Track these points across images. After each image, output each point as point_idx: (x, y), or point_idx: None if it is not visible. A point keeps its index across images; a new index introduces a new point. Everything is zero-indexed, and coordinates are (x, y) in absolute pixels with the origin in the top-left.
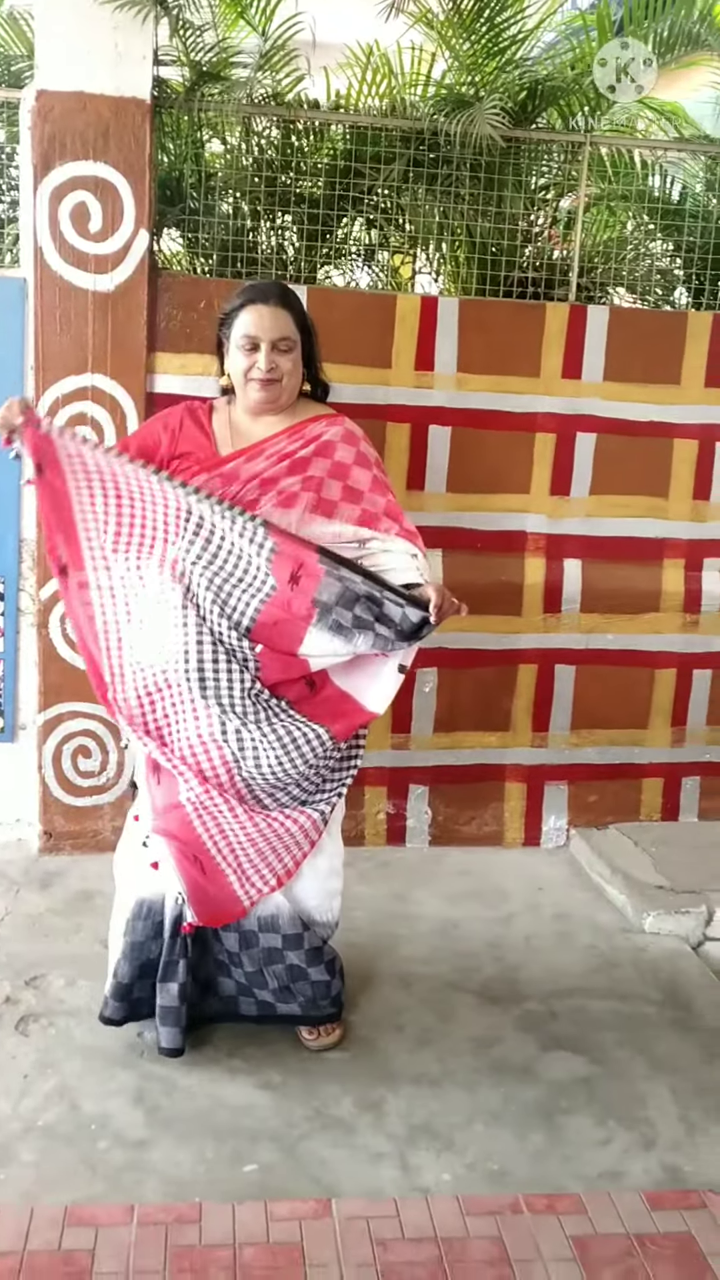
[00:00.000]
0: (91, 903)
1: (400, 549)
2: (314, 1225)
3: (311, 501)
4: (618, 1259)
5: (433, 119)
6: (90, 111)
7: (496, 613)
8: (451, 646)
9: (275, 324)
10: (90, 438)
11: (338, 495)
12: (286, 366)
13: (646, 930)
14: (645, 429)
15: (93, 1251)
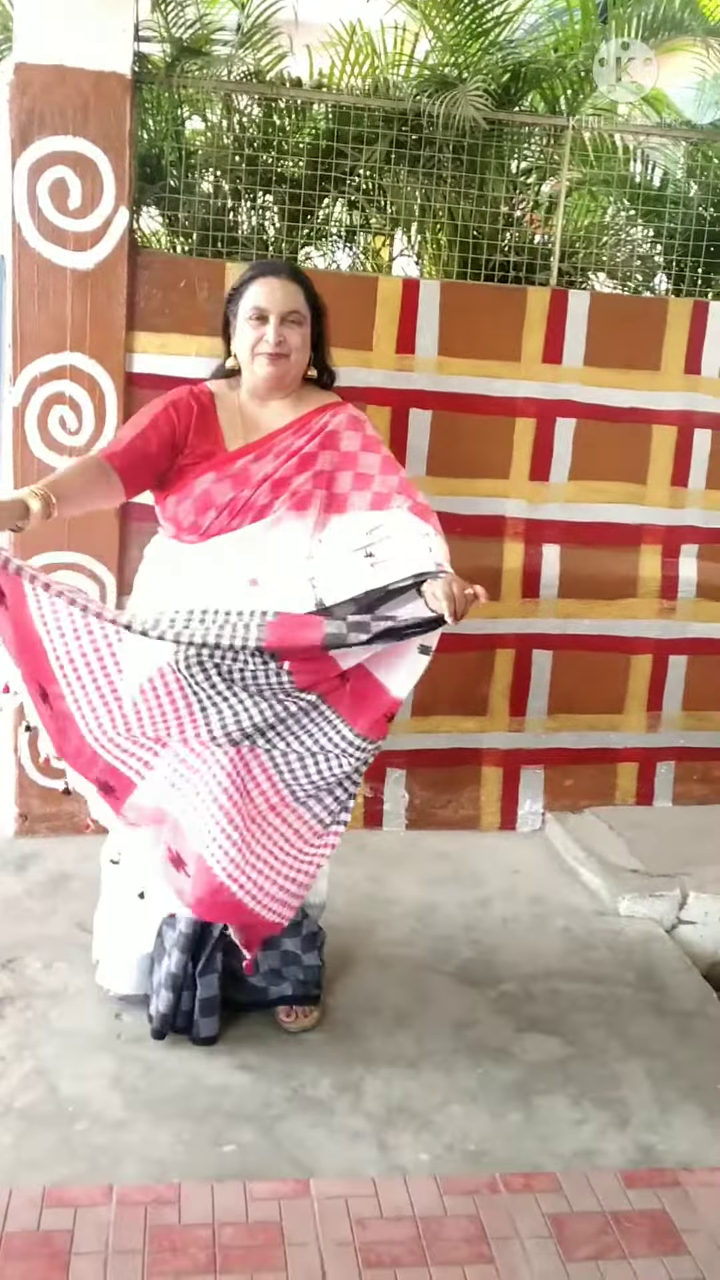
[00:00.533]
0: (68, 885)
1: (410, 528)
2: (293, 1205)
3: (324, 500)
4: (594, 1236)
5: (415, 100)
6: (70, 85)
7: None
8: None
9: (285, 297)
10: (67, 590)
11: (349, 486)
12: (295, 341)
13: (621, 913)
14: (625, 415)
15: (71, 1232)
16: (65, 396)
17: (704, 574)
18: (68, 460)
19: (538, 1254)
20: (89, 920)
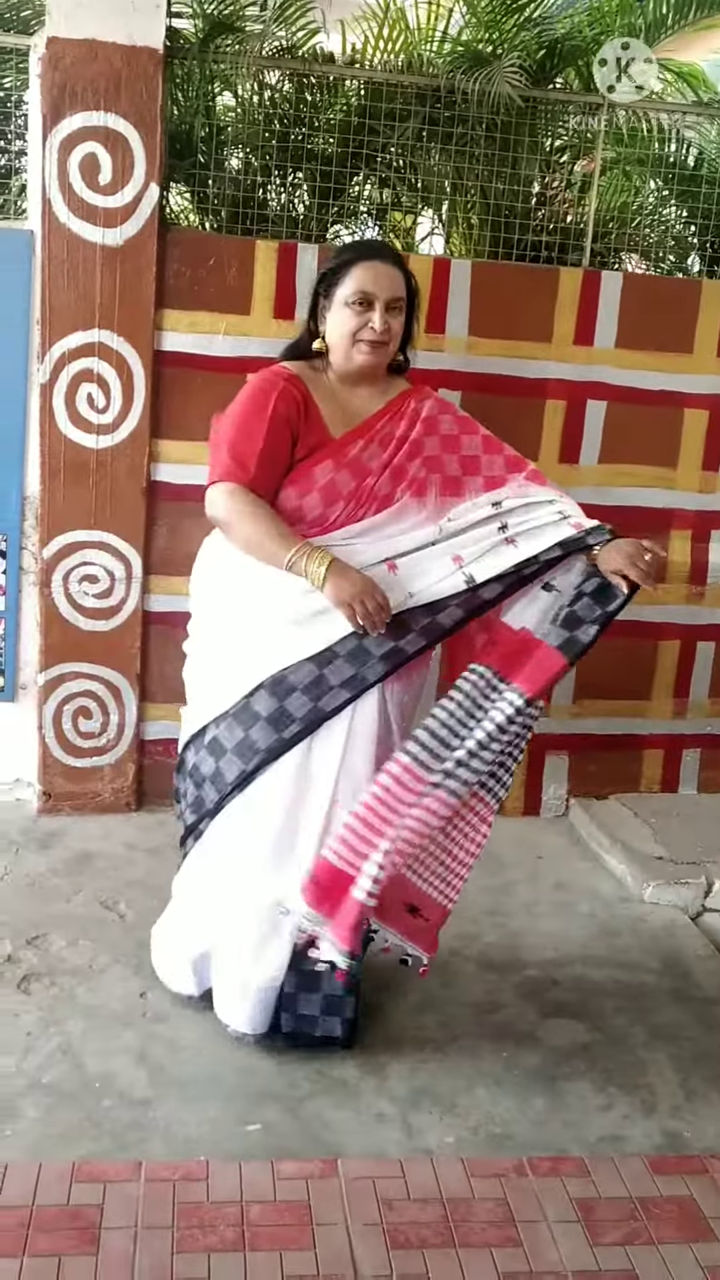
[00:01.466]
0: (91, 864)
1: (532, 495)
2: (320, 1184)
3: (439, 483)
4: (621, 1222)
5: (449, 76)
6: (102, 60)
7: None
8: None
9: (391, 283)
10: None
11: (458, 470)
12: (396, 329)
13: (646, 900)
14: (656, 398)
15: (101, 1206)
16: (93, 374)
17: None
18: (94, 439)
19: (565, 1238)
20: (112, 897)
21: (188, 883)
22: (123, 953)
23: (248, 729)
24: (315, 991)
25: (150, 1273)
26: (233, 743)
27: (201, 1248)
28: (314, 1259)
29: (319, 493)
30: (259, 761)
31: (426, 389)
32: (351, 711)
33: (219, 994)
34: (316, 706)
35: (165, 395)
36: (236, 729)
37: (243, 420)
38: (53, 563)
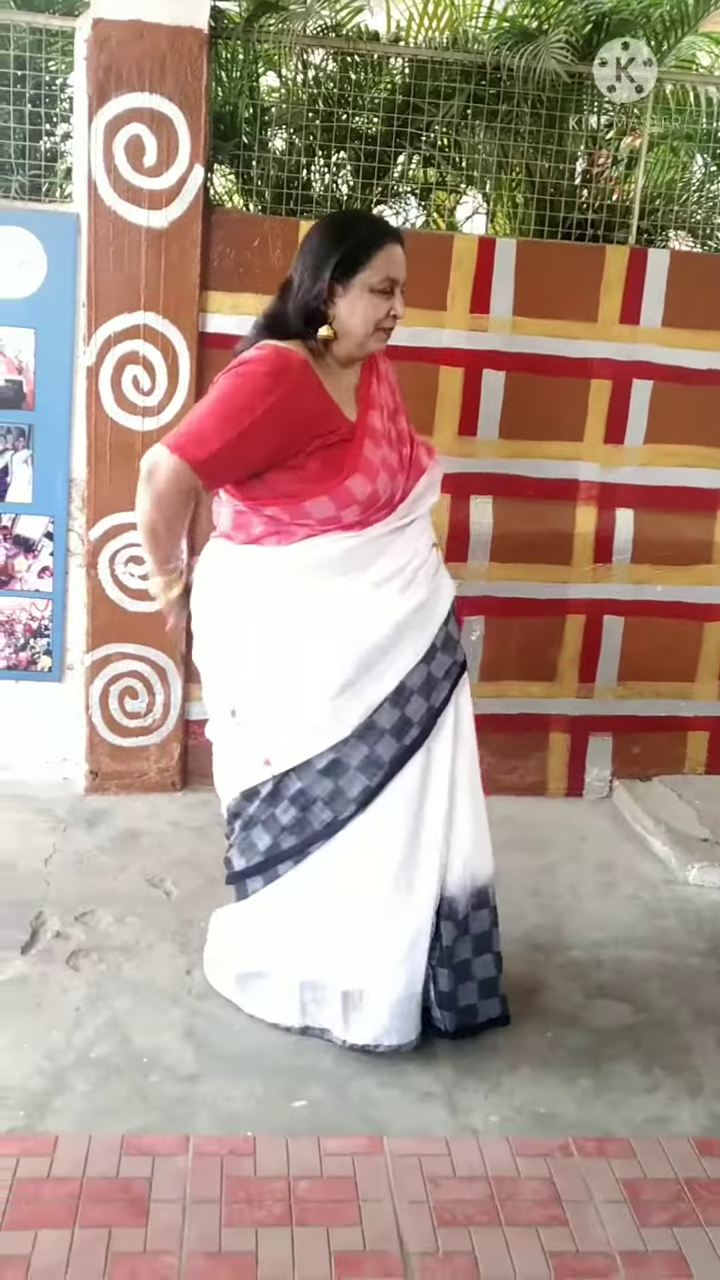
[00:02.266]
0: (138, 842)
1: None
2: (366, 1161)
3: (414, 440)
4: (669, 1203)
5: (495, 53)
6: (147, 41)
7: (546, 561)
8: (499, 595)
9: (405, 263)
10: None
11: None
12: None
13: (690, 882)
14: (703, 377)
15: (150, 1179)
16: (139, 356)
17: None
18: (140, 421)
19: (612, 1218)
20: (159, 875)
21: (280, 911)
22: (169, 930)
23: (373, 745)
24: (470, 980)
25: (199, 1245)
26: (357, 760)
27: (250, 1221)
28: (360, 1235)
29: (371, 474)
30: (384, 775)
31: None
32: (455, 706)
33: (357, 1018)
34: (430, 706)
35: (209, 377)
36: (361, 747)
37: (231, 403)
38: (99, 544)
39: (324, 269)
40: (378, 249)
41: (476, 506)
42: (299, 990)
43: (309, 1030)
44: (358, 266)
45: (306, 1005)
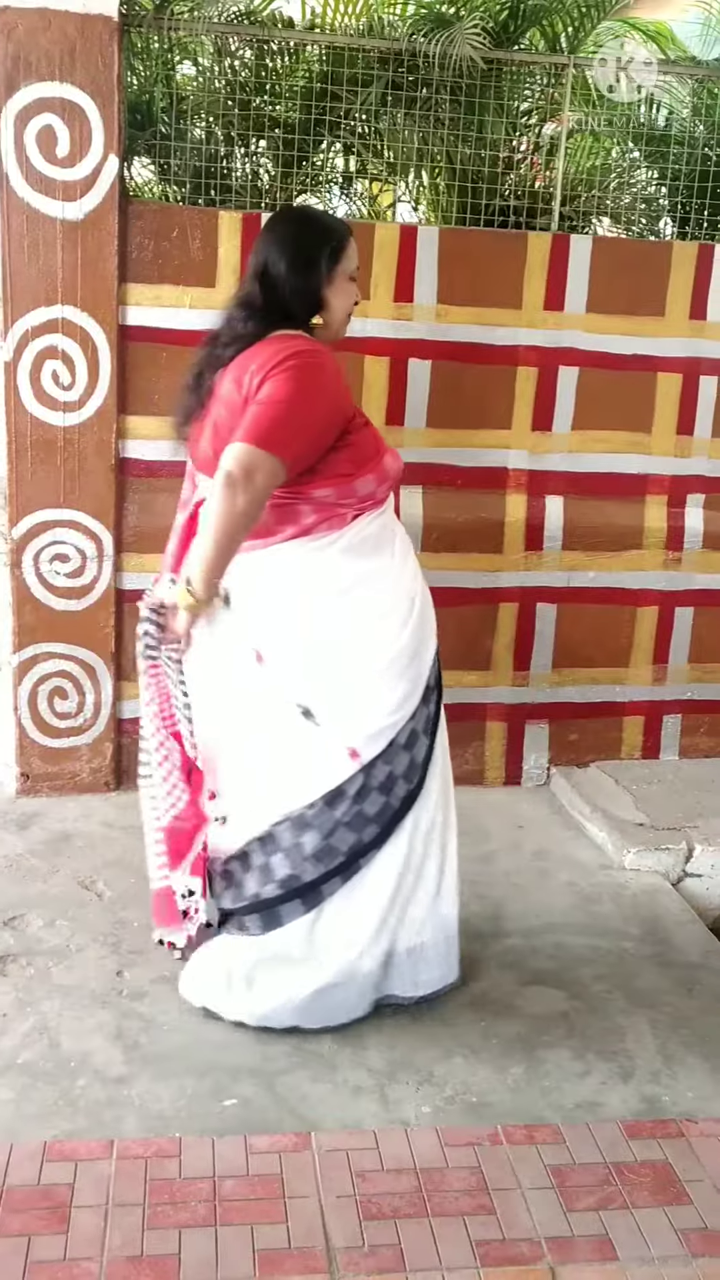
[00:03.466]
0: (70, 844)
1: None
2: (293, 1158)
3: None
4: (596, 1187)
5: (411, 39)
6: (55, 29)
7: (477, 550)
8: (431, 585)
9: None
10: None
11: None
12: None
13: (626, 867)
14: (629, 362)
15: (72, 1185)
16: (58, 350)
17: (710, 524)
18: (61, 416)
19: (539, 1204)
20: (90, 877)
21: (365, 900)
22: (100, 932)
23: (430, 704)
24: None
25: (120, 1249)
26: (422, 723)
27: (172, 1224)
28: (286, 1232)
29: (387, 455)
30: (434, 731)
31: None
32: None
33: (425, 968)
34: (434, 667)
35: (132, 371)
36: (424, 710)
37: (305, 394)
38: (23, 543)
39: (320, 259)
40: (349, 239)
41: (406, 497)
42: (377, 969)
43: (378, 1003)
44: (340, 256)
45: (380, 983)
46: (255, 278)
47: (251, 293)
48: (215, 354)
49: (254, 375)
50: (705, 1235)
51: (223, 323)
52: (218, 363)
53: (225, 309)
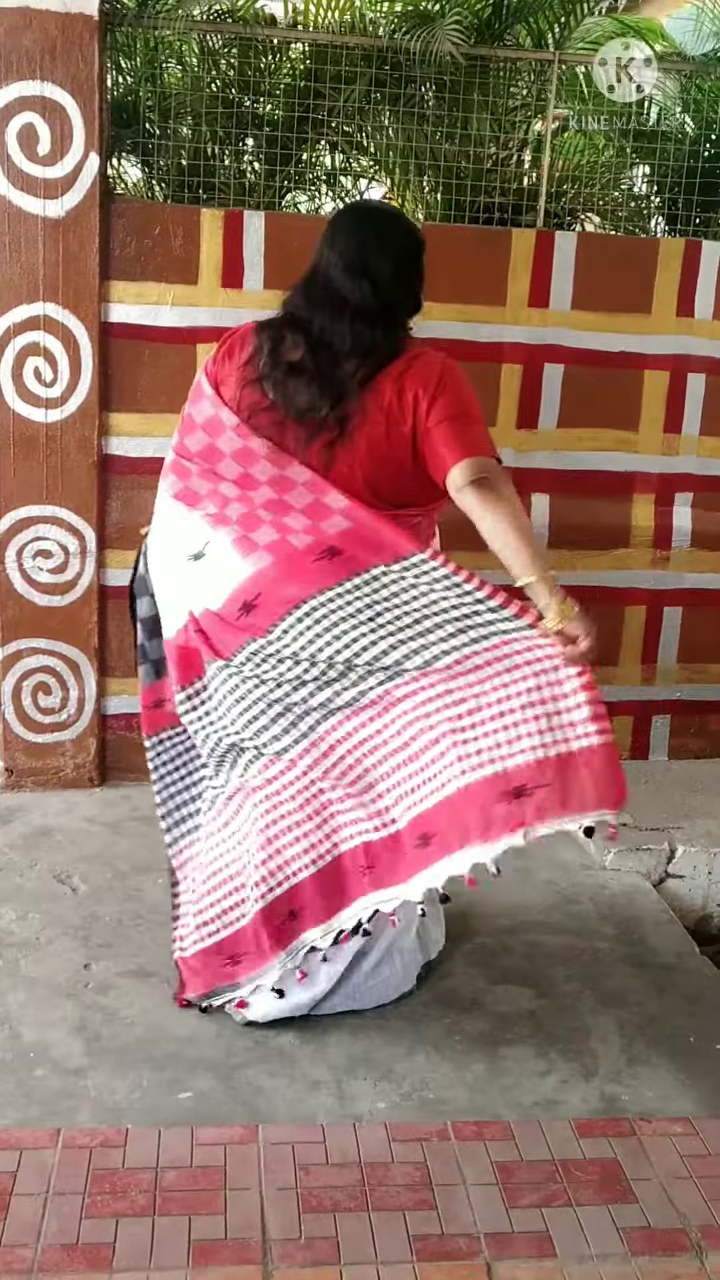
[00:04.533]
0: (50, 838)
1: None
2: (239, 1150)
3: None
4: (540, 1184)
5: (394, 37)
6: (36, 28)
7: (463, 549)
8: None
9: None
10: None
11: None
12: None
13: (607, 867)
14: (615, 360)
15: (15, 1174)
16: (40, 348)
17: (699, 523)
18: (43, 413)
19: (481, 1200)
20: (66, 872)
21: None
22: (71, 925)
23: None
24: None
25: (56, 1237)
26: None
27: (110, 1213)
28: (223, 1223)
29: None
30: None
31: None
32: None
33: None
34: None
35: (114, 367)
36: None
37: (475, 400)
38: (5, 538)
39: (421, 260)
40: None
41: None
42: (416, 938)
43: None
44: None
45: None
46: (364, 280)
47: (363, 296)
48: (341, 371)
49: (420, 400)
50: (647, 1234)
51: (333, 332)
52: (341, 381)
53: (318, 309)
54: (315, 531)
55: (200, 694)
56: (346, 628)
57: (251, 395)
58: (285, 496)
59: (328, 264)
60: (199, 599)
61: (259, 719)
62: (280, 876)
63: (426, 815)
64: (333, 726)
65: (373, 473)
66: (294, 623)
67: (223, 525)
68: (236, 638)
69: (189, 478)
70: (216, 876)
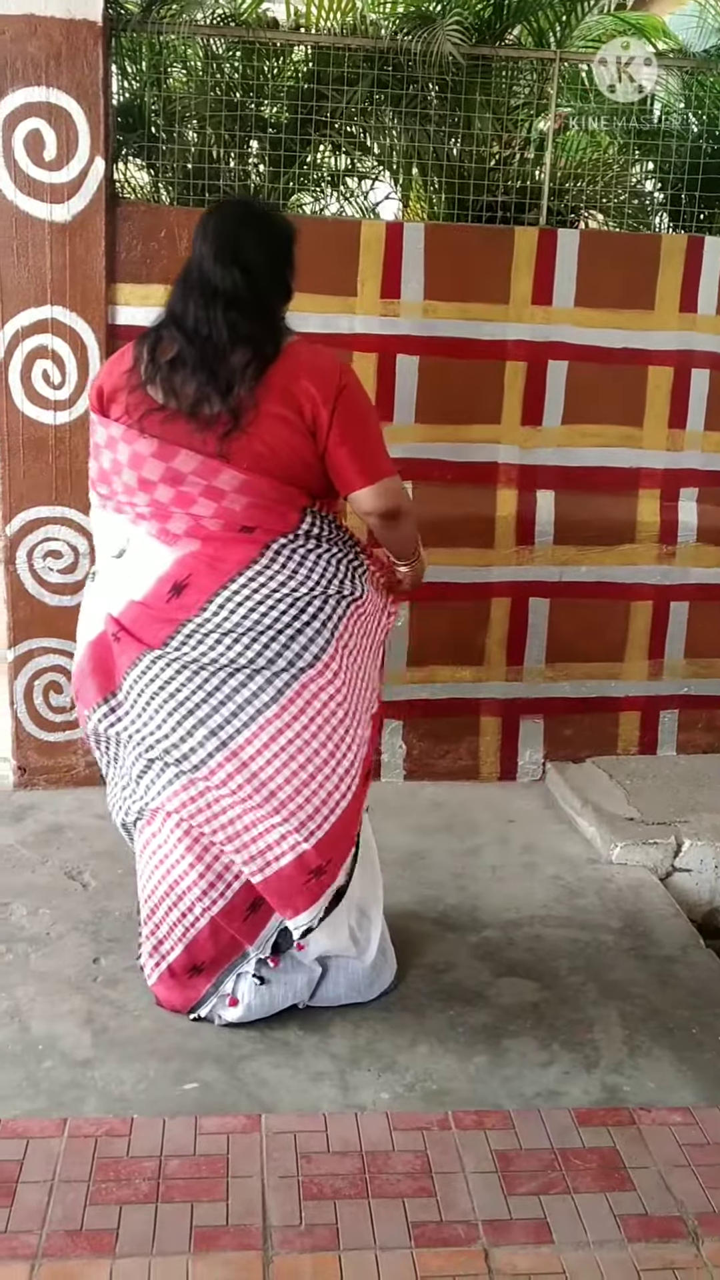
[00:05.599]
0: (61, 835)
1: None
2: (241, 1139)
3: None
4: (539, 1172)
5: (395, 38)
6: (41, 35)
7: (469, 545)
8: (424, 580)
9: None
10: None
11: None
12: None
13: (614, 861)
14: (619, 356)
15: (21, 1162)
16: (48, 350)
17: (704, 518)
18: (52, 415)
19: (480, 1188)
20: (78, 868)
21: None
22: (81, 920)
23: None
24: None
25: (61, 1223)
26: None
27: (114, 1200)
28: (225, 1210)
29: None
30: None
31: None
32: None
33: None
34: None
35: None
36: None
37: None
38: (16, 539)
39: (292, 249)
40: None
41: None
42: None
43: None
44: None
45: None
46: (234, 268)
47: (237, 287)
48: (227, 365)
49: (320, 412)
50: (644, 1221)
51: (207, 323)
52: (230, 373)
53: (191, 301)
54: (223, 514)
55: (119, 707)
56: (285, 591)
57: (138, 399)
58: (181, 488)
59: (199, 257)
60: (119, 596)
61: (186, 721)
62: (229, 877)
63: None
64: (249, 738)
65: (271, 465)
66: (229, 597)
67: (142, 521)
68: (169, 622)
69: (111, 496)
70: (151, 899)
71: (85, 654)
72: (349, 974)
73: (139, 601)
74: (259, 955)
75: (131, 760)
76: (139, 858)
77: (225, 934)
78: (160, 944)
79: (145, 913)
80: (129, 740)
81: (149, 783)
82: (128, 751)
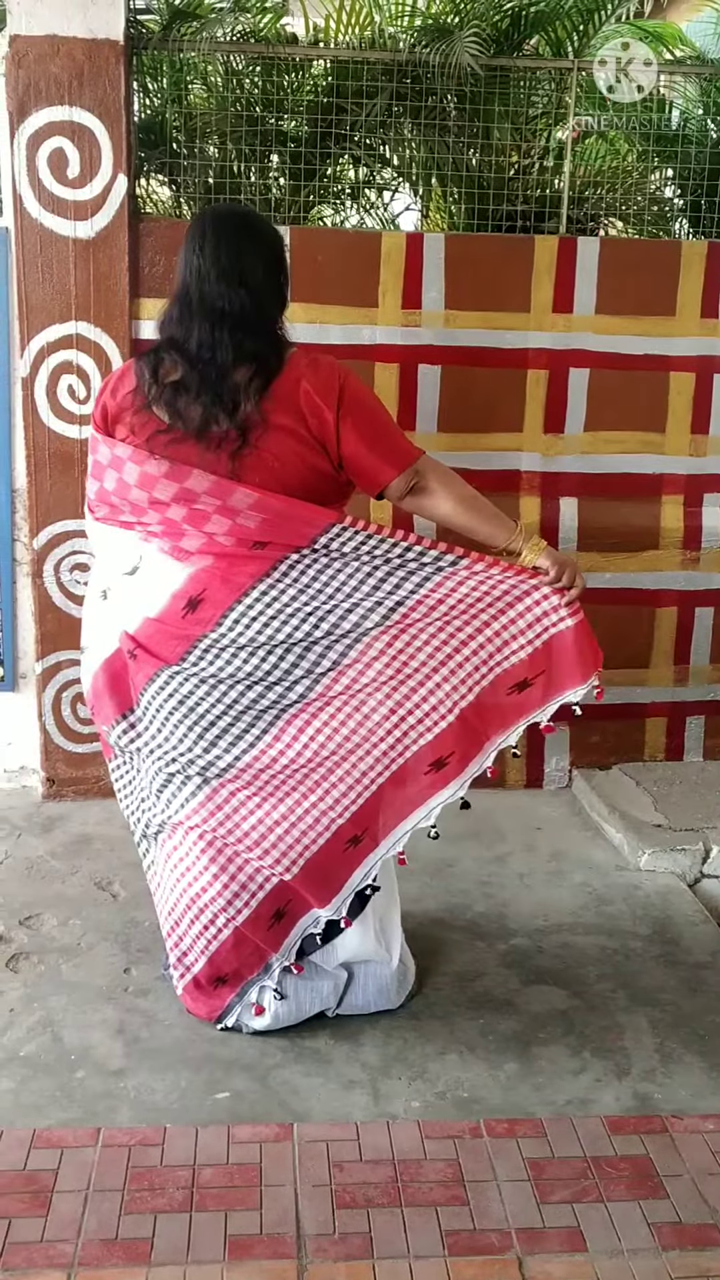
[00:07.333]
0: (90, 846)
1: None
2: (274, 1148)
3: None
4: (572, 1180)
5: (413, 50)
6: (64, 55)
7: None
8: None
9: None
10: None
11: None
12: None
13: (641, 868)
14: (640, 362)
15: (56, 1171)
16: (73, 365)
17: None
18: (77, 429)
19: (513, 1196)
20: (107, 878)
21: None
22: (111, 931)
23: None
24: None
25: (96, 1232)
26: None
27: (149, 1209)
28: (259, 1218)
29: None
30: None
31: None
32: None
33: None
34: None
35: None
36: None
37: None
38: (44, 553)
39: (284, 257)
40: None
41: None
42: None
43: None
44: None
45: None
46: (240, 289)
47: (241, 303)
48: (231, 382)
49: (326, 418)
50: (677, 1229)
51: (212, 346)
52: (234, 391)
53: (196, 324)
54: (237, 531)
55: (138, 723)
56: (299, 605)
57: (143, 420)
58: (195, 507)
59: (199, 274)
60: (134, 613)
61: (208, 732)
62: (253, 887)
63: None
64: (275, 737)
65: (283, 479)
66: (244, 611)
67: (154, 539)
68: (185, 638)
69: (117, 513)
70: (174, 913)
71: (100, 673)
72: (377, 980)
73: (154, 618)
74: (284, 963)
75: (151, 774)
76: (160, 869)
77: (249, 944)
78: (184, 955)
79: (167, 926)
80: (149, 754)
81: (170, 796)
82: (147, 765)
